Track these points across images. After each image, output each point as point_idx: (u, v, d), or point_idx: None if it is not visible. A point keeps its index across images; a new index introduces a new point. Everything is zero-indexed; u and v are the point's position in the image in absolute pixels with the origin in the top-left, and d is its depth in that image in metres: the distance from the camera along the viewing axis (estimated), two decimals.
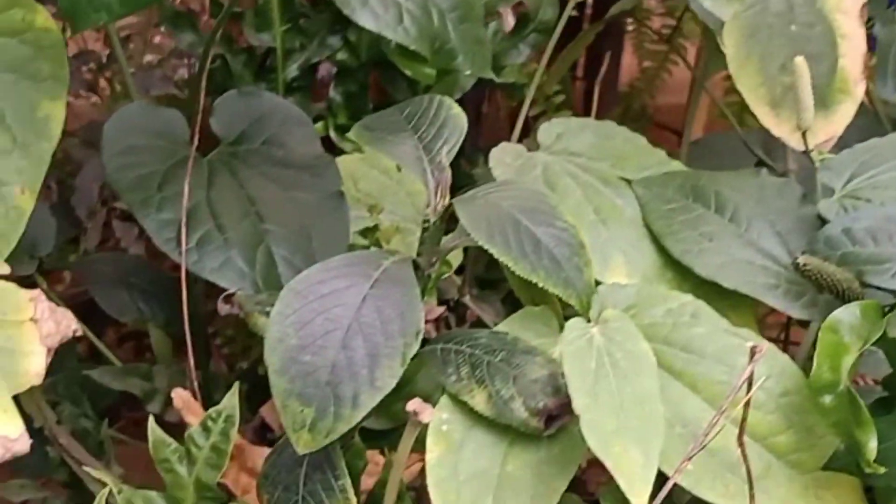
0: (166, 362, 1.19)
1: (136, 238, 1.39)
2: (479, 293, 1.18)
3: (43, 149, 0.87)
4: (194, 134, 1.02)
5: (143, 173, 1.00)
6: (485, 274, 1.30)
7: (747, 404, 0.75)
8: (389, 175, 1.23)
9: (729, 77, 1.83)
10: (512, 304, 1.21)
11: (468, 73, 0.98)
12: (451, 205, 0.85)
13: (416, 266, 0.85)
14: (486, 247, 0.82)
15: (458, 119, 0.91)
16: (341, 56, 1.48)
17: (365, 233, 1.08)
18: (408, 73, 1.43)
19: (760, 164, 1.35)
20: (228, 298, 0.90)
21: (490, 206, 0.84)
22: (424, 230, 0.87)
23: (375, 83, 1.51)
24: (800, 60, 0.98)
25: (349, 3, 0.87)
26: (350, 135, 0.93)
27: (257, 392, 1.08)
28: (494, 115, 1.65)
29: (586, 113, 1.66)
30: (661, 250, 1.03)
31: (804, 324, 1.12)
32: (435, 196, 0.86)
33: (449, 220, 0.90)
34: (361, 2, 0.88)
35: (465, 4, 0.94)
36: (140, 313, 1.25)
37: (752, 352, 0.73)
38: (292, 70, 1.46)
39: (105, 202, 1.40)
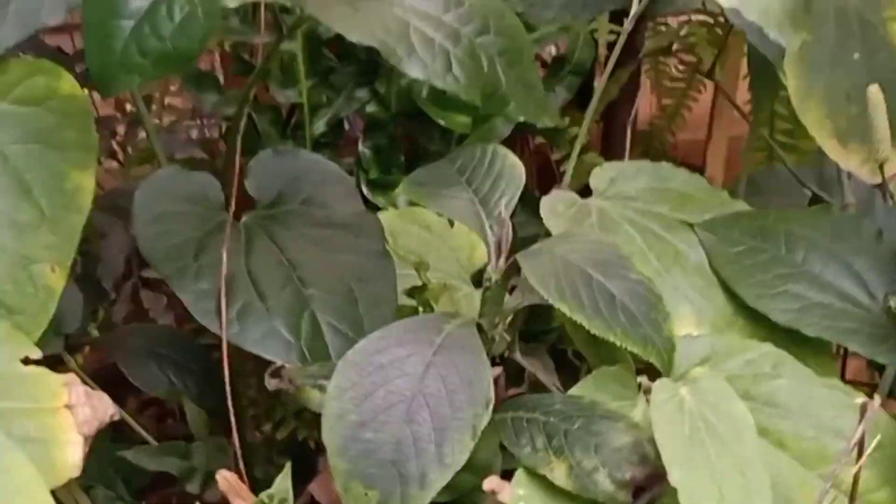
0: (203, 438, 1.13)
1: (164, 308, 1.32)
2: (525, 347, 1.12)
3: (73, 222, 0.81)
4: (230, 197, 0.96)
5: (178, 241, 0.93)
6: (524, 327, 1.24)
7: (858, 472, 0.68)
8: (430, 230, 1.17)
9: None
10: (557, 358, 1.15)
11: (521, 119, 0.91)
12: (513, 261, 0.79)
13: (479, 328, 0.79)
14: (557, 305, 0.75)
15: (516, 169, 0.84)
16: (370, 109, 1.43)
17: (412, 292, 1.01)
18: (441, 122, 1.37)
19: (815, 199, 1.29)
20: (277, 372, 0.83)
21: (557, 260, 0.78)
22: (486, 290, 0.80)
23: (405, 135, 1.46)
24: (874, 89, 0.92)
25: (395, 54, 0.81)
26: (400, 191, 0.87)
27: (298, 464, 1.02)
28: (528, 161, 1.58)
29: (606, 153, 1.62)
30: (731, 297, 0.97)
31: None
32: (496, 253, 0.80)
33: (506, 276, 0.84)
34: (407, 51, 0.81)
35: (514, 49, 0.87)
36: (171, 386, 1.19)
37: (863, 409, 0.66)
38: (320, 126, 1.41)
39: (131, 272, 1.34)
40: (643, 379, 0.79)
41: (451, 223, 1.14)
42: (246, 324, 0.91)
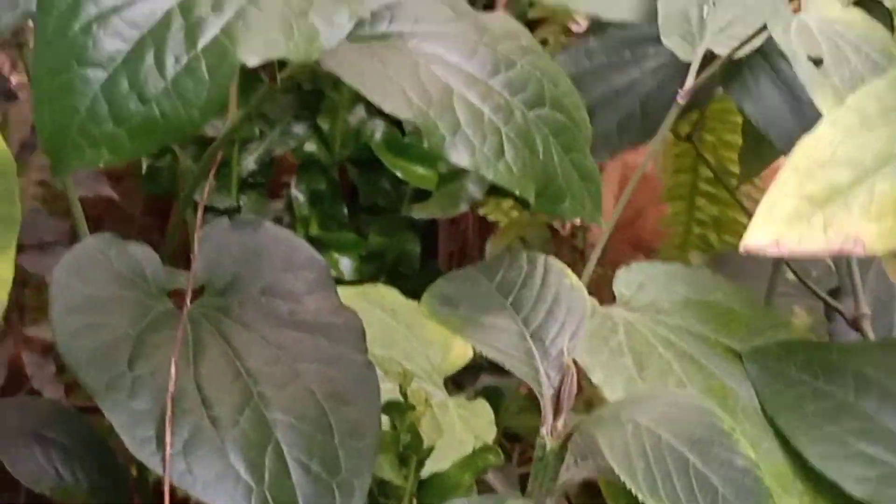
0: None
1: (52, 377, 1.09)
2: None
3: None
4: (189, 283, 0.74)
5: (108, 340, 0.71)
6: None
7: None
8: (395, 315, 0.97)
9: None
10: None
11: (577, 221, 0.72)
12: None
13: None
14: (646, 501, 0.56)
15: (576, 294, 0.65)
16: (309, 148, 1.22)
17: (391, 411, 0.81)
18: (397, 173, 1.17)
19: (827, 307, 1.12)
20: None
21: (642, 433, 0.58)
22: (539, 459, 0.61)
23: (344, 183, 1.25)
24: None
25: (436, 132, 0.61)
26: (423, 309, 0.67)
27: None
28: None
29: None
30: (787, 448, 0.79)
31: None
32: (553, 410, 0.61)
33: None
34: (451, 128, 0.61)
35: (572, 128, 0.68)
36: (59, 479, 0.97)
37: None
38: (249, 163, 1.20)
39: (11, 328, 1.10)
40: None
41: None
42: (195, 459, 0.69)
